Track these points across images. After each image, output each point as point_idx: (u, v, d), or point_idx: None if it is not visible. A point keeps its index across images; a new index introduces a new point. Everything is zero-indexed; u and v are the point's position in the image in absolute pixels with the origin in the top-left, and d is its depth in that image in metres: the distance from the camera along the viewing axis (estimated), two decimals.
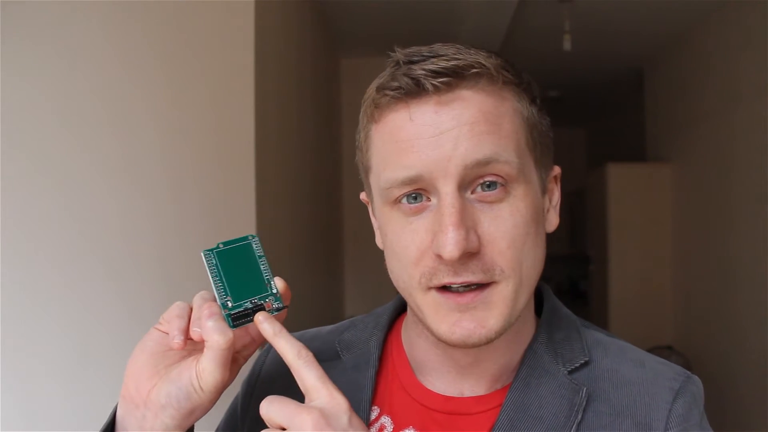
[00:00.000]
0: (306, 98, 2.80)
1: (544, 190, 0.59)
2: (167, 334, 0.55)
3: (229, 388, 0.56)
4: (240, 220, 1.77)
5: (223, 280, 0.55)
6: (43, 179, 1.69)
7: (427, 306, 0.55)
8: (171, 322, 0.55)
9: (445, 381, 0.61)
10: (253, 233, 0.59)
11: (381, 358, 0.65)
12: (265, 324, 0.53)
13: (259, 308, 0.55)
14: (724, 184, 3.28)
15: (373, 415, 0.62)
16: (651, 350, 3.68)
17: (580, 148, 6.51)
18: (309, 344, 0.68)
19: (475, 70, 0.53)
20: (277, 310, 0.56)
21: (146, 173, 1.73)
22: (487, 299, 0.53)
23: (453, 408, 0.60)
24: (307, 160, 2.80)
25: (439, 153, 0.52)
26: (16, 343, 1.65)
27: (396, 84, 0.53)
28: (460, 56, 0.53)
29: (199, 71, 1.76)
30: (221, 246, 0.57)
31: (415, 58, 0.54)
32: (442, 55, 0.53)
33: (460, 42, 0.56)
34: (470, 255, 0.52)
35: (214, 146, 1.77)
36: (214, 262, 0.56)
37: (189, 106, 1.75)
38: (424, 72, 0.52)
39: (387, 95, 0.54)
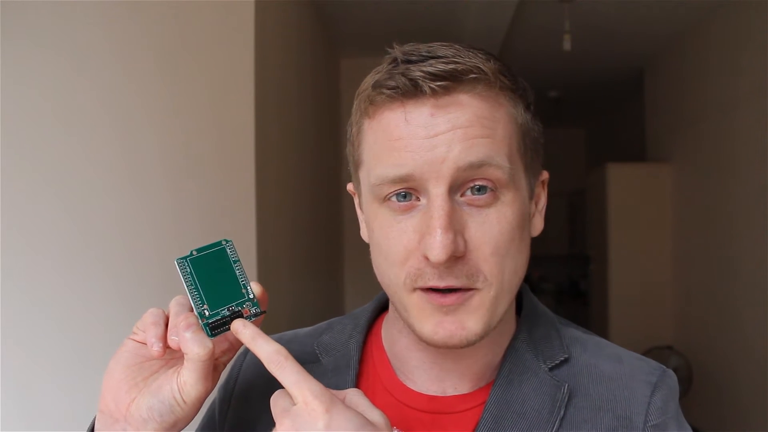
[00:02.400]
0: (306, 98, 2.80)
1: (532, 196, 0.59)
2: (143, 344, 0.54)
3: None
4: (240, 221, 1.77)
5: (199, 288, 0.54)
6: (43, 179, 1.69)
7: (412, 306, 0.55)
8: (147, 330, 0.53)
9: (428, 379, 0.61)
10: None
11: (361, 360, 0.65)
12: (245, 330, 0.52)
13: (237, 315, 0.54)
14: (724, 184, 3.28)
15: None
16: (651, 350, 3.70)
17: (580, 148, 6.51)
18: (287, 347, 0.67)
19: (473, 75, 0.52)
20: (255, 315, 0.55)
21: (146, 174, 1.73)
22: (468, 303, 0.54)
23: (437, 407, 0.60)
24: (307, 161, 2.80)
25: (432, 155, 0.52)
26: (16, 343, 1.65)
27: (393, 83, 0.53)
28: (459, 59, 0.52)
29: (199, 71, 1.76)
30: (195, 253, 0.55)
31: (414, 58, 0.53)
32: (441, 57, 0.52)
33: (460, 42, 0.56)
34: (456, 259, 0.52)
35: (214, 147, 1.77)
36: (188, 270, 0.54)
37: (189, 106, 1.75)
38: (422, 74, 0.52)
39: (383, 93, 0.54)
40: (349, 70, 3.92)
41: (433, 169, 0.52)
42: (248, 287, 0.56)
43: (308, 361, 0.65)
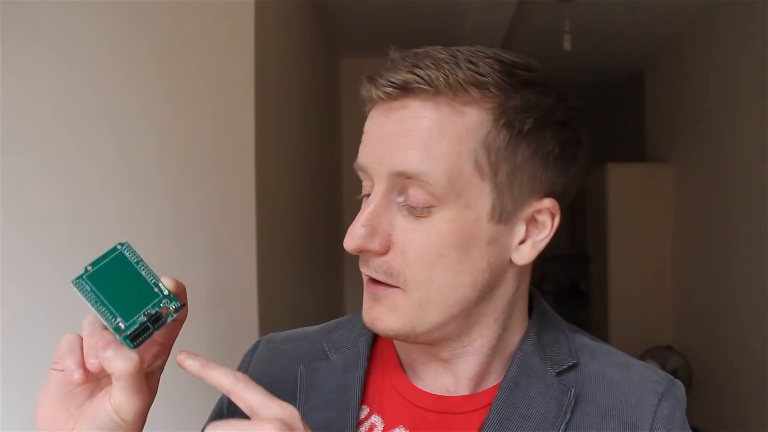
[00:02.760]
0: (306, 98, 2.80)
1: (503, 218, 0.56)
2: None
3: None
4: (240, 221, 1.77)
5: (105, 302, 0.50)
6: (42, 179, 1.69)
7: (364, 285, 0.59)
8: (64, 359, 0.51)
9: (428, 375, 0.62)
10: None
11: (371, 358, 0.65)
12: (189, 361, 0.50)
13: (156, 316, 0.51)
14: (724, 184, 3.28)
15: (363, 414, 0.62)
16: (651, 350, 3.70)
17: None
18: (297, 344, 0.69)
19: (418, 86, 0.53)
20: (176, 311, 0.53)
21: (145, 174, 1.73)
22: (389, 298, 0.56)
23: (443, 407, 0.60)
24: (307, 161, 2.80)
25: (377, 154, 0.56)
26: (16, 342, 1.65)
27: (364, 84, 0.58)
28: (416, 69, 0.53)
29: (199, 71, 1.76)
30: (90, 268, 0.52)
31: (397, 63, 0.56)
32: (408, 66, 0.54)
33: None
34: (374, 254, 0.55)
35: (214, 147, 1.77)
36: (87, 288, 0.50)
37: (188, 106, 1.75)
38: (382, 81, 0.55)
39: (363, 93, 0.59)
40: (349, 70, 3.91)
41: (376, 168, 0.56)
42: (160, 284, 0.53)
43: (317, 358, 0.66)
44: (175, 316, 0.53)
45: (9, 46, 1.69)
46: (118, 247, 0.54)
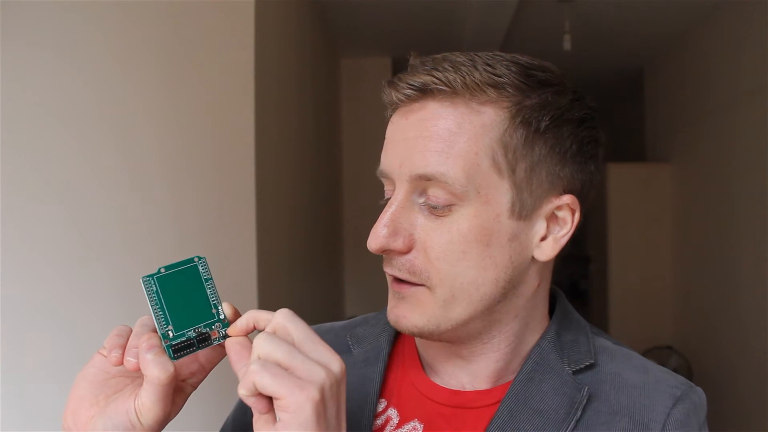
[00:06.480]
0: (306, 98, 2.80)
1: (523, 215, 0.57)
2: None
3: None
4: (240, 221, 1.77)
5: (164, 307, 0.52)
6: (42, 180, 1.69)
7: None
8: (109, 340, 0.52)
9: (446, 372, 0.63)
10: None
11: (392, 354, 0.67)
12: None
13: (204, 337, 0.53)
14: (724, 183, 3.28)
15: (380, 407, 0.64)
16: (651, 350, 3.69)
17: None
18: (322, 337, 0.70)
19: (436, 86, 0.55)
20: (224, 337, 0.54)
21: (146, 174, 1.73)
22: (414, 295, 0.57)
23: (458, 402, 0.61)
24: (307, 161, 2.80)
25: (397, 158, 0.57)
26: (16, 343, 1.65)
27: (384, 90, 0.59)
28: (434, 72, 0.55)
29: (199, 71, 1.76)
30: (163, 270, 0.53)
31: (416, 67, 0.57)
32: (428, 69, 0.56)
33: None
34: (397, 253, 0.56)
35: (214, 147, 1.77)
36: (154, 288, 0.52)
37: (189, 106, 1.75)
38: (401, 84, 0.57)
39: (384, 98, 0.60)
40: (349, 70, 3.91)
41: (396, 171, 0.57)
42: (219, 308, 0.54)
43: (340, 351, 0.68)
44: (221, 342, 0.54)
45: (9, 46, 1.69)
46: (195, 259, 0.55)
